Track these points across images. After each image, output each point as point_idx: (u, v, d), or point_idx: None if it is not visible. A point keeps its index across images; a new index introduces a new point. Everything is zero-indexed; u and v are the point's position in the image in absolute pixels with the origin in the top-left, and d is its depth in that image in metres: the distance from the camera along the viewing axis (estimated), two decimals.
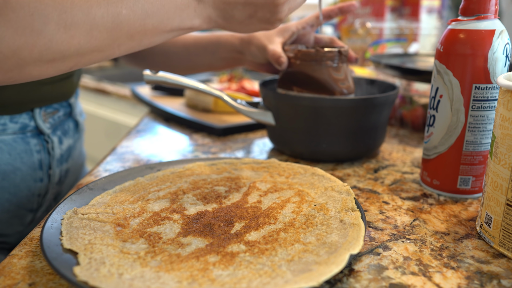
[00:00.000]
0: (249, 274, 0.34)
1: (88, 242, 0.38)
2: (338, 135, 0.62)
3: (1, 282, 0.36)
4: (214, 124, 0.80)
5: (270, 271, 0.35)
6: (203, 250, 0.38)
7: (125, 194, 0.49)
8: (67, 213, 0.43)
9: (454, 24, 0.50)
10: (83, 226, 0.41)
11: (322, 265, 0.35)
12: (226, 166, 0.57)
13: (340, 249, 0.37)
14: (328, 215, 0.44)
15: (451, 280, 0.37)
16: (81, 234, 0.40)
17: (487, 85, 0.48)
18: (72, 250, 0.37)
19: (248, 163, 0.58)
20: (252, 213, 0.45)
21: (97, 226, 0.42)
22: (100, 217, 0.43)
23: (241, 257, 0.37)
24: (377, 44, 1.21)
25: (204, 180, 0.53)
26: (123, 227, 0.42)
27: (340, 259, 0.35)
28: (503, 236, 0.41)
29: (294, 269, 0.35)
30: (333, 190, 0.49)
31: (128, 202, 0.47)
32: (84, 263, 0.35)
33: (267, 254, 0.37)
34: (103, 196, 0.48)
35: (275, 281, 0.33)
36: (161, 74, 0.63)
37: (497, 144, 0.41)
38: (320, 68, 0.63)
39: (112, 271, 0.34)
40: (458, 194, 0.53)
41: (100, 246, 0.38)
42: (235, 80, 1.18)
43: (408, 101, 0.84)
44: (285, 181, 0.53)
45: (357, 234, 0.39)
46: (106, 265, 0.35)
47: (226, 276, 0.34)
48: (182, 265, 0.36)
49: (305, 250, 0.38)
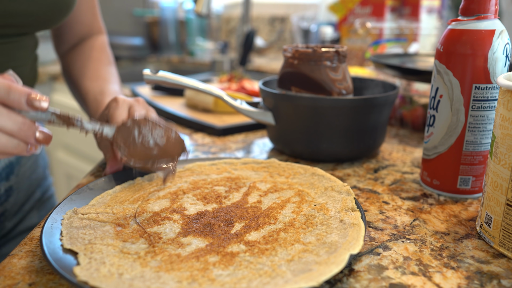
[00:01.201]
0: (249, 274, 0.34)
1: (88, 242, 0.38)
2: (338, 135, 0.62)
3: (1, 282, 0.36)
4: (214, 124, 0.80)
5: (270, 271, 0.35)
6: (203, 250, 0.38)
7: (125, 194, 0.49)
8: (67, 213, 0.43)
9: (454, 24, 0.50)
10: (83, 226, 0.41)
11: (322, 265, 0.35)
12: (226, 166, 0.57)
13: (340, 249, 0.37)
14: (328, 215, 0.44)
15: (451, 280, 0.37)
16: (81, 234, 0.40)
17: (487, 85, 0.48)
18: (72, 250, 0.37)
19: (248, 163, 0.58)
20: (252, 213, 0.45)
21: (97, 226, 0.42)
22: (100, 217, 0.43)
23: (241, 257, 0.37)
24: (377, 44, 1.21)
25: (204, 180, 0.53)
26: (123, 227, 0.42)
27: (340, 259, 0.35)
28: (503, 236, 0.41)
29: (294, 269, 0.35)
30: (333, 190, 0.49)
31: (128, 202, 0.47)
32: (84, 263, 0.35)
33: (267, 254, 0.37)
34: (103, 196, 0.48)
35: (275, 281, 0.33)
36: (161, 74, 0.63)
37: (497, 144, 0.41)
38: (318, 68, 0.63)
39: (112, 271, 0.34)
40: (458, 194, 0.53)
41: (100, 246, 0.38)
42: (235, 80, 1.18)
43: (408, 101, 0.84)
44: (285, 181, 0.53)
45: (357, 234, 0.39)
46: (106, 265, 0.35)
47: (226, 276, 0.34)
48: (182, 265, 0.36)
49: (305, 250, 0.38)
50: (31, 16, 0.55)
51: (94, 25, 0.74)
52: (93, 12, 0.73)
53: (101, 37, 0.76)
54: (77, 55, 0.72)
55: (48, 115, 0.40)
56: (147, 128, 0.45)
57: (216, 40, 2.20)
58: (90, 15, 0.73)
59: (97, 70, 0.70)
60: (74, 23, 0.71)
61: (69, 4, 0.59)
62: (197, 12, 1.30)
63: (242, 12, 1.55)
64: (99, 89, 0.66)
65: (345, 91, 0.65)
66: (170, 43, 2.19)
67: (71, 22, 0.71)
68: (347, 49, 0.66)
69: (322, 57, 0.63)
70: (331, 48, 0.64)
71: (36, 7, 0.54)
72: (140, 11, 2.26)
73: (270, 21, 2.16)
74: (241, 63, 1.53)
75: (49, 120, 0.41)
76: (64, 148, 1.81)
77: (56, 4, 0.57)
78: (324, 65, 0.63)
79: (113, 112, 0.52)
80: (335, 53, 0.63)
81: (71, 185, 1.80)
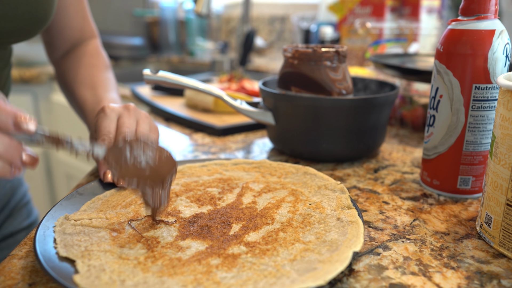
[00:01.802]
0: (254, 275, 0.34)
1: (85, 249, 0.37)
2: (338, 135, 0.62)
3: (1, 282, 0.36)
4: (214, 124, 0.80)
5: (275, 272, 0.35)
6: (204, 253, 0.38)
7: (116, 198, 0.48)
8: (59, 219, 0.42)
9: (454, 24, 0.49)
10: (77, 232, 0.40)
11: (326, 263, 0.35)
12: (216, 167, 0.57)
13: (341, 247, 0.37)
14: (324, 213, 0.44)
15: (451, 280, 0.37)
16: (76, 241, 0.39)
17: (487, 85, 0.48)
18: (69, 258, 0.36)
19: (239, 164, 0.58)
20: (248, 214, 0.45)
21: (91, 232, 0.41)
22: (94, 223, 0.42)
23: (243, 258, 0.37)
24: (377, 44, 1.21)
25: (196, 182, 0.53)
26: (118, 232, 0.41)
27: (343, 257, 0.35)
28: (503, 236, 0.41)
29: (298, 268, 0.35)
30: (327, 188, 0.49)
31: (120, 207, 0.46)
32: (83, 271, 0.34)
33: (268, 255, 0.37)
34: (94, 201, 0.47)
35: (281, 281, 0.33)
36: (161, 74, 0.63)
37: (497, 144, 0.41)
38: (318, 68, 0.63)
39: (113, 278, 0.34)
40: (458, 194, 0.53)
41: (98, 252, 0.37)
42: (235, 80, 1.18)
43: (408, 101, 0.84)
44: (278, 181, 0.53)
45: (357, 231, 0.39)
46: (107, 272, 0.34)
47: (231, 278, 0.34)
48: (185, 269, 0.35)
49: (306, 249, 0.38)
50: (8, 33, 0.53)
51: (85, 29, 0.72)
52: (83, 15, 0.71)
53: (94, 41, 0.74)
54: (71, 62, 0.70)
55: (36, 137, 0.38)
56: (139, 149, 0.44)
57: (216, 40, 2.20)
58: (80, 18, 0.70)
59: (93, 77, 0.68)
60: (64, 28, 0.69)
61: (47, 13, 0.57)
62: (197, 12, 1.30)
63: (242, 12, 1.55)
64: (96, 98, 0.64)
65: (345, 91, 0.65)
66: (170, 43, 2.19)
67: (61, 27, 0.69)
68: (347, 49, 0.66)
69: (322, 57, 0.63)
70: (331, 48, 0.64)
71: (12, 24, 0.53)
72: (140, 11, 2.26)
73: (270, 21, 2.16)
74: (241, 63, 1.53)
75: (37, 141, 0.39)
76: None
77: (35, 17, 0.55)
78: (324, 65, 0.63)
79: (100, 123, 0.51)
80: (335, 53, 0.63)
81: (71, 185, 1.80)
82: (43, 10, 0.56)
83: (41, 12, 0.55)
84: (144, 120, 0.53)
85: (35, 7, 0.54)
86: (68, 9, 0.68)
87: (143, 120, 0.53)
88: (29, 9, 0.53)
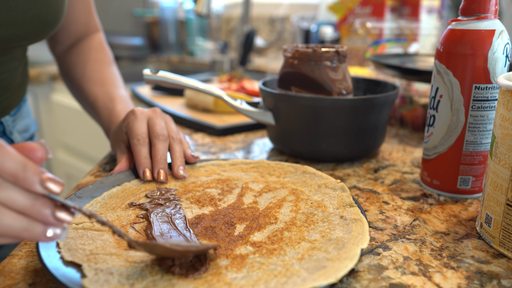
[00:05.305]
0: (264, 275, 0.34)
1: (90, 252, 0.37)
2: (338, 135, 0.62)
3: (1, 282, 0.36)
4: (214, 124, 0.80)
5: (284, 271, 0.34)
6: (211, 254, 0.38)
7: (114, 200, 0.48)
8: None
9: (454, 24, 0.50)
10: (79, 236, 0.40)
11: (335, 261, 0.35)
12: (214, 168, 0.57)
13: (348, 245, 0.37)
14: (327, 212, 0.44)
15: (451, 280, 0.37)
16: (80, 245, 0.38)
17: (487, 85, 0.48)
18: (74, 262, 0.36)
19: (237, 164, 0.57)
20: (251, 214, 0.45)
21: (94, 235, 0.40)
22: (96, 226, 0.42)
23: (251, 258, 0.37)
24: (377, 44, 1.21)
25: (194, 183, 0.53)
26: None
27: (352, 254, 0.35)
28: (503, 236, 0.41)
29: (308, 267, 0.35)
30: (327, 187, 0.49)
31: (120, 209, 0.46)
32: (90, 275, 0.34)
33: (276, 254, 0.37)
34: (93, 204, 0.46)
35: (292, 280, 0.33)
36: (161, 74, 0.63)
37: (497, 144, 0.41)
38: (318, 68, 0.63)
39: (122, 282, 0.33)
40: (458, 194, 0.53)
41: (104, 256, 0.37)
42: (235, 80, 1.18)
43: (408, 101, 0.84)
44: (277, 181, 0.53)
45: (362, 229, 0.40)
46: (115, 275, 0.34)
47: (242, 279, 0.34)
48: None
49: (313, 248, 0.38)
50: (19, 37, 0.54)
51: (90, 24, 0.73)
52: (89, 10, 0.72)
53: (98, 35, 0.75)
54: (76, 57, 0.71)
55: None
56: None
57: (216, 40, 2.20)
58: (86, 14, 0.72)
59: (102, 74, 0.69)
60: (70, 23, 0.70)
61: (57, 17, 0.57)
62: (197, 12, 1.30)
63: (242, 12, 1.55)
64: (108, 95, 0.66)
65: (345, 91, 0.65)
66: (170, 43, 2.19)
67: (66, 23, 0.70)
68: (347, 49, 0.66)
69: (322, 57, 0.63)
70: (331, 48, 0.64)
71: (23, 29, 0.53)
72: (140, 11, 2.26)
73: (270, 21, 2.16)
74: (241, 63, 1.53)
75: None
76: (64, 148, 1.81)
77: (45, 21, 0.55)
78: (324, 65, 0.63)
79: (132, 125, 0.54)
80: (335, 53, 0.63)
81: (71, 185, 1.80)
82: (53, 13, 0.56)
83: (51, 15, 0.56)
84: (171, 121, 0.58)
85: (45, 11, 0.54)
86: (75, 5, 0.69)
87: (170, 121, 0.58)
88: (38, 14, 0.54)
